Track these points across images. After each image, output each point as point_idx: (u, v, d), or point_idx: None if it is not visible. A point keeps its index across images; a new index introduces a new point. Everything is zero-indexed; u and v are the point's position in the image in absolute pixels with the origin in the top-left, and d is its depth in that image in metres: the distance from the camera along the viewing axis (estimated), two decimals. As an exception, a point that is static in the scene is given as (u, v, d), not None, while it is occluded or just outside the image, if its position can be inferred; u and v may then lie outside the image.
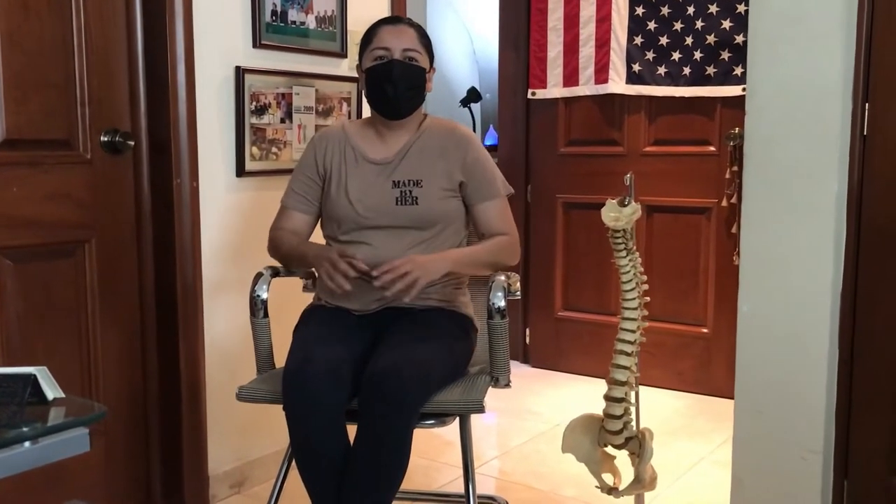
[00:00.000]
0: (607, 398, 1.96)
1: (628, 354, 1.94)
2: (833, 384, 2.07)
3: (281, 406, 1.86)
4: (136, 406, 2.46)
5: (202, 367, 2.49)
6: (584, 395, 3.64)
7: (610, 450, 2.04)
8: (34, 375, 1.15)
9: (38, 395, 1.16)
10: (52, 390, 1.17)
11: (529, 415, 3.43)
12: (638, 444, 1.98)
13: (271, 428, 2.55)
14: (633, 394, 1.98)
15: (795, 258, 2.08)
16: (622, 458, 2.03)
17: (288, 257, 2.14)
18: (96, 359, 2.34)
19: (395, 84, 2.05)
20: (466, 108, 4.62)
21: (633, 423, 2.01)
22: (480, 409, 1.90)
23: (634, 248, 1.95)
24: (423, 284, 1.92)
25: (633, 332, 1.93)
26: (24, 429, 1.09)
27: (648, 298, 1.96)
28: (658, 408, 3.43)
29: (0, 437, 1.06)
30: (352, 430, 1.86)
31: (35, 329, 2.19)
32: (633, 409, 1.99)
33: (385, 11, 3.02)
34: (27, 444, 1.08)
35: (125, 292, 2.41)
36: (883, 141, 1.99)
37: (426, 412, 1.87)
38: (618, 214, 1.88)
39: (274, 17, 2.62)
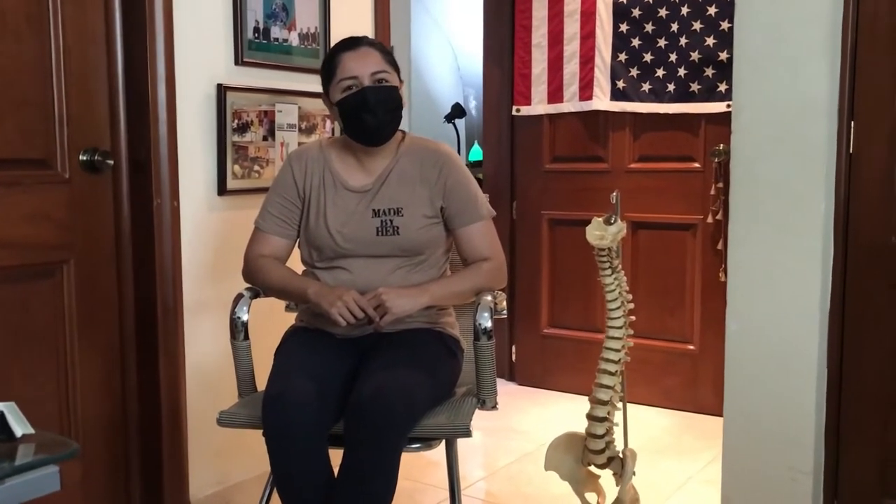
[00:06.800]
0: (590, 417, 1.94)
1: (612, 374, 1.92)
2: (822, 403, 2.06)
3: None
4: (115, 430, 2.41)
5: (183, 390, 2.45)
6: (571, 413, 3.61)
7: (594, 469, 2.01)
8: (1, 412, 1.11)
9: (5, 431, 1.11)
10: (20, 426, 1.12)
11: (515, 434, 3.39)
12: (620, 465, 1.95)
13: (253, 451, 2.49)
14: (616, 413, 1.96)
15: (783, 276, 2.07)
16: (607, 477, 2.00)
17: (278, 291, 2.07)
18: (75, 382, 2.29)
19: (374, 112, 1.96)
20: (451, 124, 4.61)
21: (616, 443, 1.98)
22: (467, 434, 1.87)
23: (620, 266, 1.93)
24: (392, 319, 1.89)
25: (617, 351, 1.92)
26: (-10, 469, 1.05)
27: (634, 318, 1.94)
28: (645, 425, 3.40)
29: (-34, 478, 1.02)
30: (335, 454, 1.82)
31: (12, 351, 2.14)
32: (616, 428, 1.97)
33: (369, 28, 3.00)
34: (-6, 484, 1.03)
35: (104, 314, 2.36)
36: (869, 159, 1.99)
37: (412, 436, 1.84)
38: (603, 233, 1.85)
39: (256, 35, 2.60)
